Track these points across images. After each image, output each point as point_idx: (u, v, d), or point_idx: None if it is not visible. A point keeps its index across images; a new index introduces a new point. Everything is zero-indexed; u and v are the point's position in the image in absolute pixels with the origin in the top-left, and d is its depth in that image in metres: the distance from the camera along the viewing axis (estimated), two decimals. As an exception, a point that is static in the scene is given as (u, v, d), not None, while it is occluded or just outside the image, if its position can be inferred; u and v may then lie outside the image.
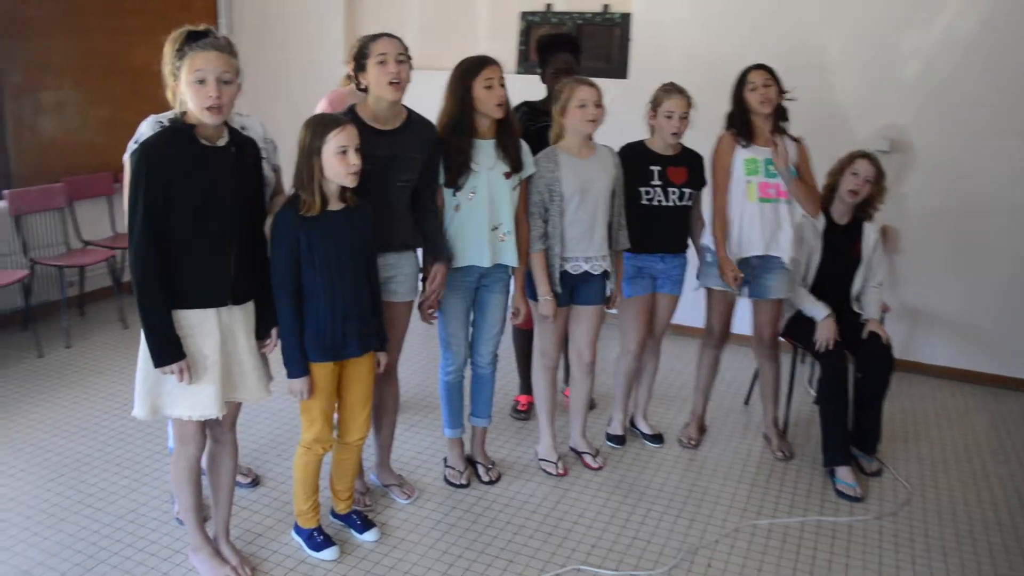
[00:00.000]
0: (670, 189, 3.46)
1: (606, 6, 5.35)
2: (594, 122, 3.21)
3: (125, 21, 5.38)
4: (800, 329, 3.73)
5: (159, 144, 2.36)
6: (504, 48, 5.62)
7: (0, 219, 4.70)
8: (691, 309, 4.09)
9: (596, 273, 3.32)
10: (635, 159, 3.43)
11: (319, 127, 2.58)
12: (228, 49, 2.41)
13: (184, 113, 2.40)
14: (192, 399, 2.44)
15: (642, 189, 3.44)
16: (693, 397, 3.96)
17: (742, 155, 3.51)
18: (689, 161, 3.53)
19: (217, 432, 2.68)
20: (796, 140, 3.55)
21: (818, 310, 3.57)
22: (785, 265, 3.55)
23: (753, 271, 3.60)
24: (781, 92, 3.48)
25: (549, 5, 5.51)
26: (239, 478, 3.31)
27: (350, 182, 2.61)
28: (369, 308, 2.77)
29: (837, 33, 4.68)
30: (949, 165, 4.59)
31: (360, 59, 2.85)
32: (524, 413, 4.05)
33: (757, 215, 3.51)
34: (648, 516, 3.23)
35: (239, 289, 2.51)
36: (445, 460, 3.48)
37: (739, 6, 4.87)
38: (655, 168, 3.46)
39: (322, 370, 2.70)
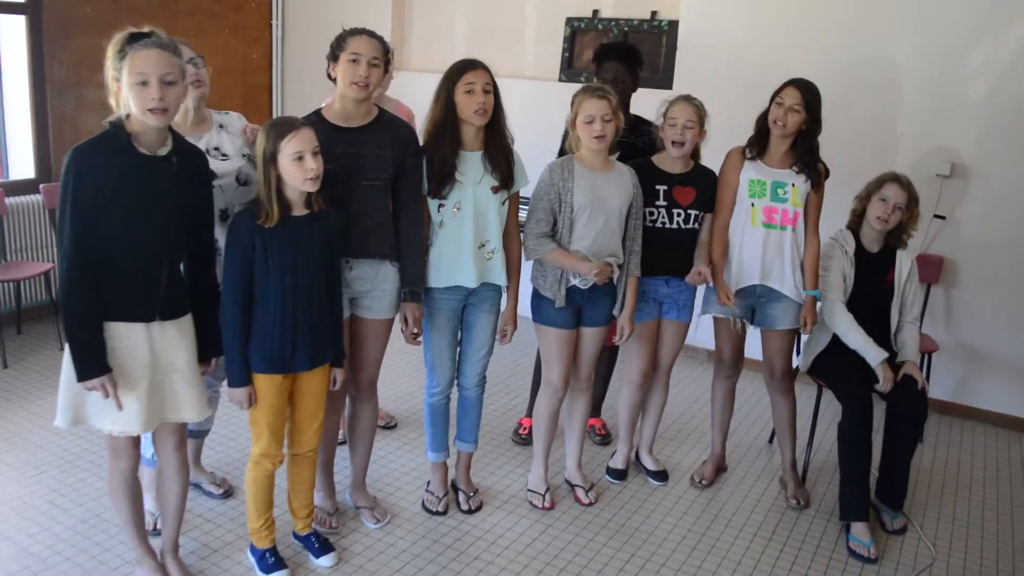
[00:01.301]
0: (675, 211, 3.21)
1: (654, 13, 5.10)
2: (601, 138, 2.98)
3: (177, 21, 5.41)
4: (827, 366, 3.42)
5: (90, 150, 2.24)
6: (550, 54, 5.45)
7: (35, 212, 4.79)
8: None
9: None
10: (641, 178, 3.16)
11: (272, 132, 2.47)
12: (172, 49, 2.30)
13: (128, 117, 2.31)
14: (115, 414, 2.33)
15: (646, 210, 3.20)
16: (711, 433, 3.68)
17: (748, 174, 3.24)
18: (700, 180, 3.26)
19: (162, 451, 2.57)
20: (819, 171, 3.21)
21: (871, 352, 3.23)
22: (790, 296, 3.26)
23: (758, 300, 3.33)
24: (812, 121, 3.15)
25: (596, 11, 5.29)
26: (211, 488, 3.23)
27: (310, 187, 2.50)
28: (325, 320, 2.63)
29: (897, 47, 4.29)
30: (1018, 193, 4.16)
31: (335, 51, 2.76)
32: (525, 437, 3.84)
33: (759, 241, 3.24)
34: (630, 562, 2.98)
35: (169, 305, 2.38)
36: (428, 484, 3.32)
37: (792, 15, 4.53)
38: (661, 188, 3.20)
39: (268, 382, 2.58)
